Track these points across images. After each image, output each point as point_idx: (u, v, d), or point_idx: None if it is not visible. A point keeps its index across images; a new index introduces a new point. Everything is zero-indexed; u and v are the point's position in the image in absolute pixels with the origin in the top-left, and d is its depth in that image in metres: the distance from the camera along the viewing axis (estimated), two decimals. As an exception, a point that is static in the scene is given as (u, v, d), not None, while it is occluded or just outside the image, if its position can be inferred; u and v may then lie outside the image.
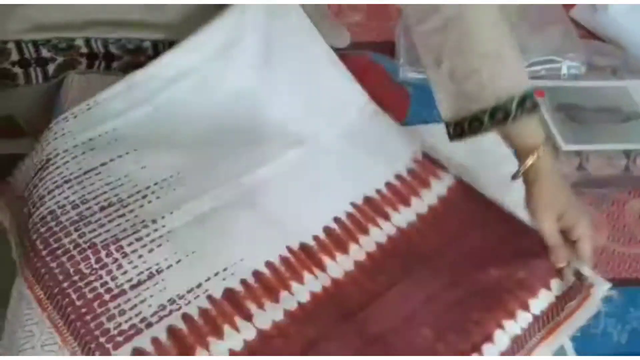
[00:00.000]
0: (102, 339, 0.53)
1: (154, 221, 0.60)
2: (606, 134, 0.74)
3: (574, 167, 0.71)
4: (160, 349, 0.53)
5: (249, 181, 0.64)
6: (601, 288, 0.58)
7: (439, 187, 0.66)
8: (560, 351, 0.55)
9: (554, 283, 0.58)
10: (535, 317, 0.56)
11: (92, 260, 0.57)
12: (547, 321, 0.57)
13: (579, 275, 0.58)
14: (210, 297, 0.56)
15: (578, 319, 0.57)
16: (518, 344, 0.56)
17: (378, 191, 0.65)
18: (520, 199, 0.62)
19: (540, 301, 0.57)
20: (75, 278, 0.56)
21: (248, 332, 0.55)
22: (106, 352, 0.53)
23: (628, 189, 0.74)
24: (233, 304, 0.56)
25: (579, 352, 0.58)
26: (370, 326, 0.56)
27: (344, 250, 0.61)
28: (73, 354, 0.53)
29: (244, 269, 0.58)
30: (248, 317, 0.56)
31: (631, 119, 0.76)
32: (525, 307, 0.57)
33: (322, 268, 0.59)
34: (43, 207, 0.59)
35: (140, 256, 0.58)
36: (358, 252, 0.61)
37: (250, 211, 0.62)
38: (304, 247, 0.61)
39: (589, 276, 0.58)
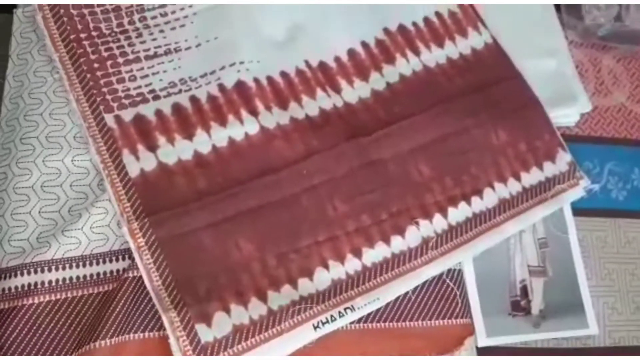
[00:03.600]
0: (108, 97, 0.54)
1: (182, -2, 0.58)
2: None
3: (612, 17, 0.66)
4: (162, 121, 0.54)
5: None
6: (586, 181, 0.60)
7: (476, 40, 0.62)
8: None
9: (547, 165, 0.59)
10: (525, 189, 0.58)
11: (114, 24, 0.56)
12: (534, 195, 0.58)
13: (572, 165, 0.60)
14: (221, 86, 0.56)
15: (564, 200, 0.59)
16: (505, 206, 0.57)
17: (414, 24, 0.62)
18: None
19: (531, 177, 0.59)
20: (94, 34, 0.56)
21: (251, 126, 0.55)
22: (110, 109, 0.53)
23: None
24: (242, 96, 0.56)
25: (575, 207, 0.60)
26: (372, 151, 0.55)
27: (364, 77, 0.59)
28: (77, 101, 0.53)
29: (259, 69, 0.57)
30: (254, 113, 0.55)
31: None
32: (517, 177, 0.58)
33: (337, 90, 0.58)
34: None
35: (161, 31, 0.57)
36: (378, 81, 0.59)
37: (276, 15, 0.60)
38: (322, 65, 0.59)
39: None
